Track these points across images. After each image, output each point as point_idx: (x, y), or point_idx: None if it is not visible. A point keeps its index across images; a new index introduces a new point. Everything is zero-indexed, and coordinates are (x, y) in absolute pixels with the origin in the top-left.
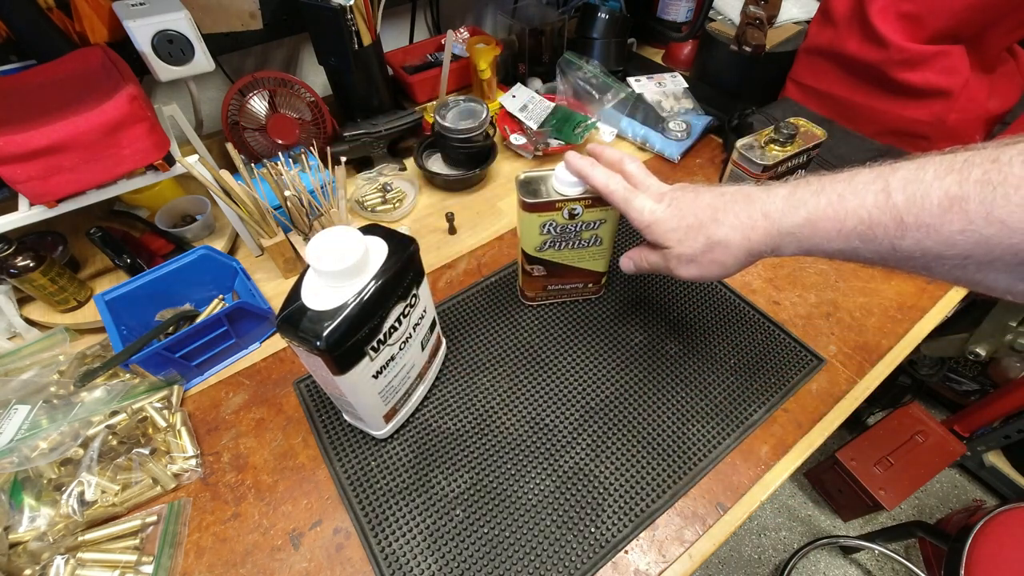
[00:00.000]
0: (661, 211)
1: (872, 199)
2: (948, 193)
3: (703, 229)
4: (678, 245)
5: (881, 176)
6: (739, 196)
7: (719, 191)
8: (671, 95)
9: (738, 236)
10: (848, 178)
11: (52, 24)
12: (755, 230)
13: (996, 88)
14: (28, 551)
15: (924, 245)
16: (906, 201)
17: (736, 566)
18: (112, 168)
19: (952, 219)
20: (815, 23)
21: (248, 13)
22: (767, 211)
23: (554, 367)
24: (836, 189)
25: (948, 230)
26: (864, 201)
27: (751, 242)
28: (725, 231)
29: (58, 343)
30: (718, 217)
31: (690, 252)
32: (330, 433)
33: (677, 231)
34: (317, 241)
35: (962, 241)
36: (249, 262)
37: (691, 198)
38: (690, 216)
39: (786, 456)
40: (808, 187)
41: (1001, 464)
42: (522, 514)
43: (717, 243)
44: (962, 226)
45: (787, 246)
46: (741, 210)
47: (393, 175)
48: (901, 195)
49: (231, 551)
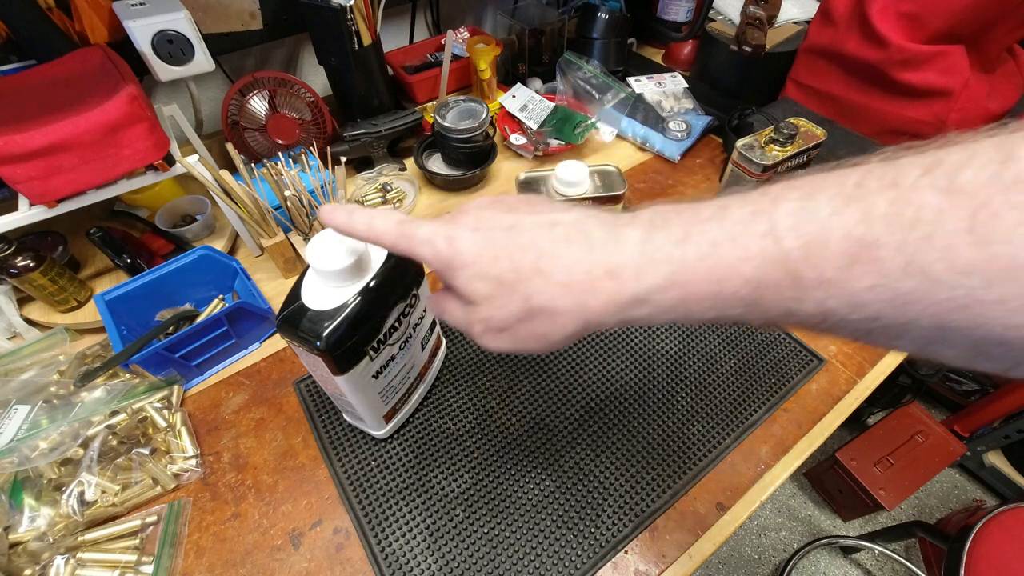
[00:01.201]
0: (466, 240)
1: (757, 248)
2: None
3: (520, 285)
4: (485, 303)
5: (760, 212)
6: (573, 233)
7: (547, 218)
8: (671, 95)
9: (569, 302)
10: (717, 214)
11: (52, 24)
12: (595, 294)
13: (996, 88)
14: (28, 551)
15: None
16: (802, 249)
17: (736, 566)
18: (112, 168)
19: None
20: (815, 23)
21: (248, 13)
22: (613, 267)
23: (554, 367)
24: (706, 234)
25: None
26: (747, 252)
27: (588, 311)
28: (551, 293)
29: (58, 343)
30: (542, 267)
31: (500, 317)
32: (330, 433)
33: (485, 282)
34: (317, 241)
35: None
36: (249, 262)
37: (506, 228)
38: (504, 260)
39: (786, 456)
40: (666, 229)
41: (1001, 464)
42: (522, 514)
43: (539, 309)
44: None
45: (640, 316)
46: (576, 260)
47: (393, 175)
48: (794, 240)
49: (231, 551)
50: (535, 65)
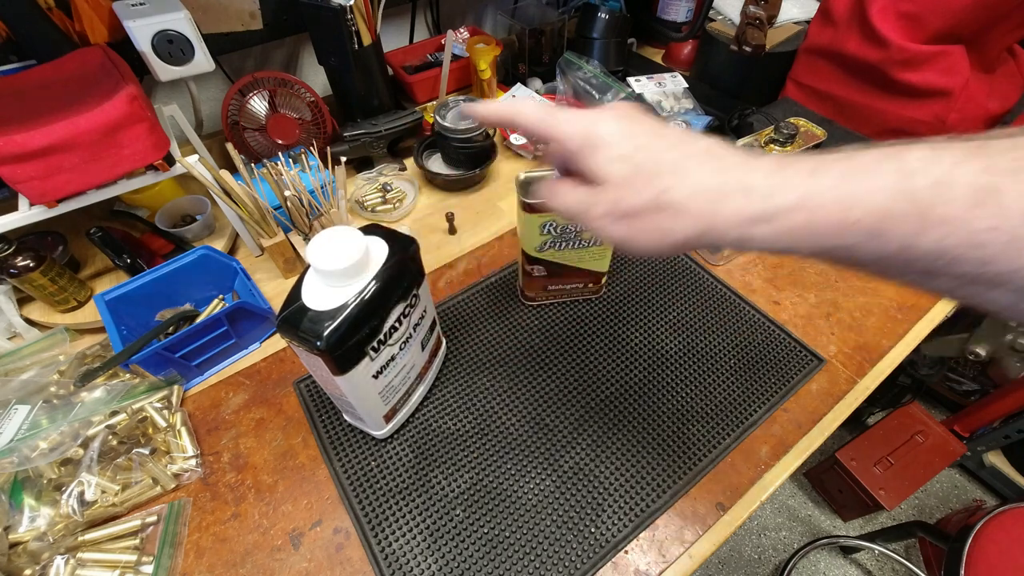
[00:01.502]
0: (611, 124)
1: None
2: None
3: (657, 178)
4: (620, 186)
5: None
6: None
7: (687, 134)
8: (671, 95)
9: (700, 204)
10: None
11: (52, 24)
12: (725, 203)
13: (996, 88)
14: (28, 551)
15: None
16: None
17: (736, 566)
18: (112, 168)
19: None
20: (815, 23)
21: (248, 13)
22: (746, 184)
23: (554, 367)
24: (836, 168)
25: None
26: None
27: (715, 218)
28: (686, 192)
29: (58, 343)
30: (680, 168)
31: (631, 202)
32: (330, 433)
33: (625, 164)
34: (317, 241)
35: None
36: (249, 262)
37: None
38: (646, 151)
39: (786, 456)
40: (798, 164)
41: (1001, 464)
42: (522, 514)
43: (671, 204)
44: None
45: (760, 236)
46: (714, 170)
47: (393, 175)
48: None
49: (231, 551)
50: (535, 65)
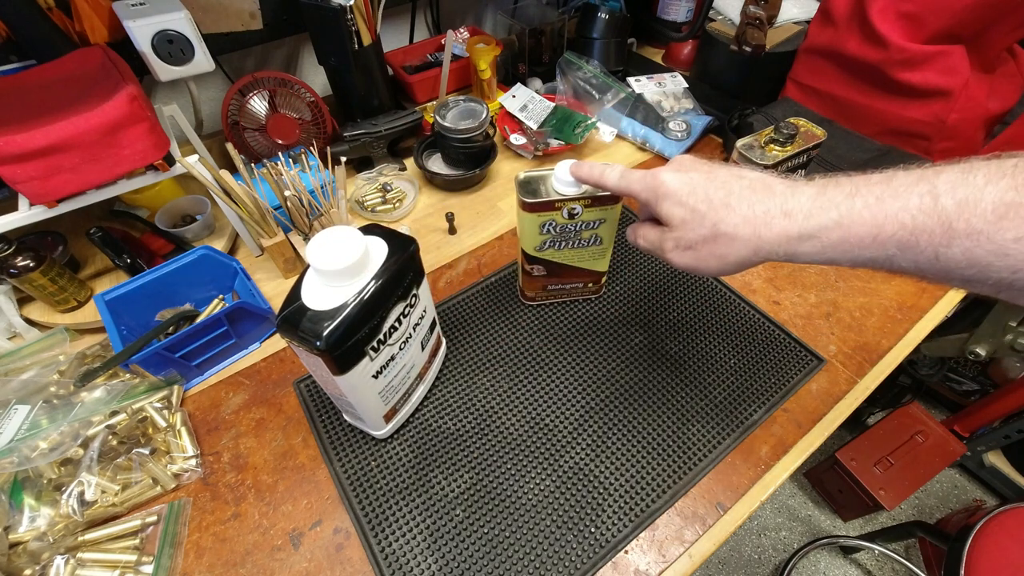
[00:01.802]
0: (670, 177)
1: (917, 202)
2: (1003, 199)
3: (712, 214)
4: (681, 226)
5: (924, 178)
6: (758, 184)
7: (736, 172)
8: (671, 95)
9: (748, 231)
10: (885, 180)
11: (52, 24)
12: (770, 227)
13: (996, 88)
14: (28, 551)
15: (973, 254)
16: (956, 205)
17: (736, 566)
18: (112, 168)
19: (1008, 226)
20: (815, 23)
21: (248, 13)
22: (789, 209)
23: (554, 367)
24: (873, 191)
25: (1002, 238)
26: (907, 204)
27: (762, 240)
28: (735, 222)
29: (58, 343)
30: (731, 203)
31: (691, 237)
32: (330, 433)
33: (683, 208)
34: (317, 241)
35: (1018, 251)
36: (249, 262)
37: (705, 173)
38: (701, 193)
39: (786, 456)
40: (839, 188)
41: (1001, 464)
42: (522, 514)
43: (723, 234)
44: (1019, 234)
45: (805, 251)
46: (758, 201)
47: (393, 175)
48: (950, 199)
49: (231, 551)
50: (535, 65)
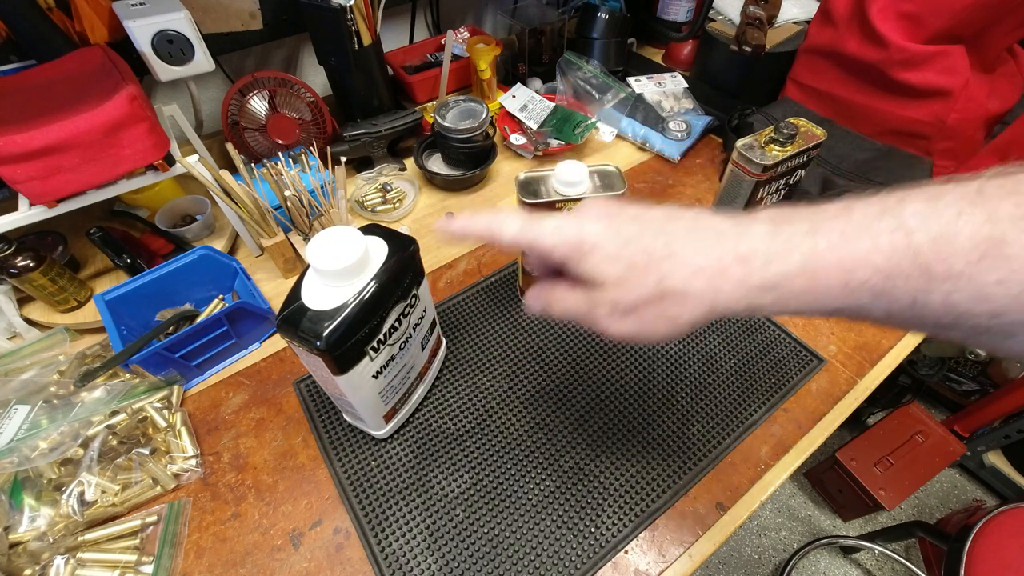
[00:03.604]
0: (594, 226)
1: (887, 240)
2: (980, 234)
3: (652, 267)
4: (617, 285)
5: (888, 210)
6: (700, 225)
7: (670, 212)
8: (671, 95)
9: (701, 284)
10: (843, 212)
11: (52, 24)
12: (726, 278)
13: (996, 88)
14: (28, 551)
15: (952, 300)
16: (931, 243)
17: (736, 566)
18: (112, 168)
19: (989, 266)
20: (815, 23)
21: (248, 13)
22: (743, 253)
23: (554, 367)
24: (834, 227)
25: (983, 280)
26: (877, 243)
27: (718, 295)
28: (683, 275)
29: (58, 343)
30: (674, 251)
31: (630, 299)
32: (330, 433)
33: (617, 263)
34: (317, 241)
35: (998, 294)
36: (249, 262)
37: (633, 217)
38: (636, 243)
39: (786, 456)
40: (793, 224)
41: (1001, 464)
42: (522, 514)
43: (671, 291)
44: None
45: (767, 302)
46: (706, 247)
47: (393, 175)
48: (924, 235)
49: (231, 551)
50: (535, 65)
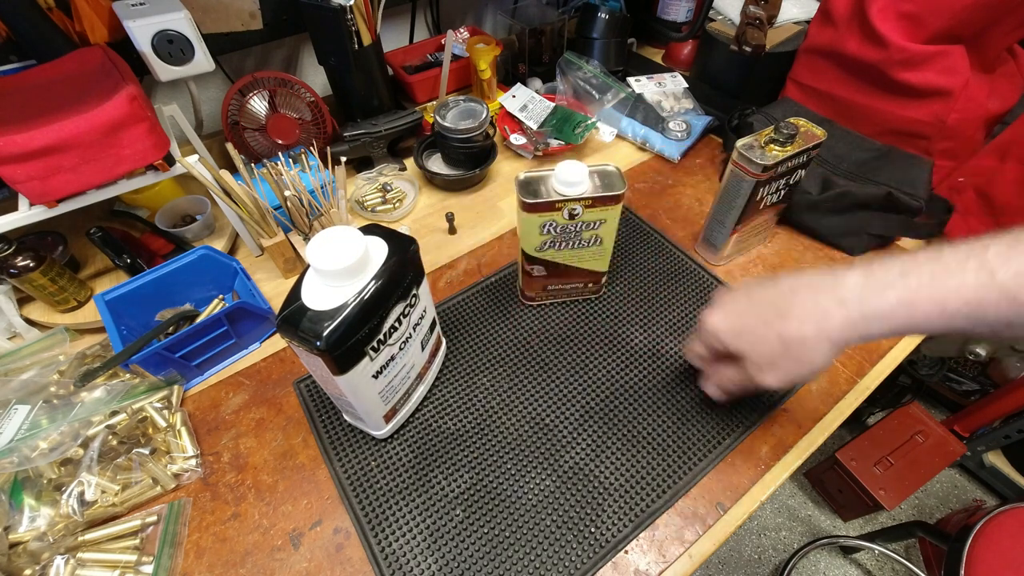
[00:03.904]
0: (722, 319)
1: (973, 278)
2: None
3: (770, 327)
4: (751, 350)
5: (973, 255)
6: (800, 285)
7: (772, 284)
8: (671, 95)
9: (811, 328)
10: (933, 257)
11: (52, 24)
12: (830, 319)
13: (996, 88)
14: (28, 551)
15: None
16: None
17: (736, 566)
18: (112, 168)
19: None
20: (815, 23)
21: (248, 13)
22: (842, 297)
23: (554, 367)
24: (924, 270)
25: None
26: (964, 280)
27: (830, 332)
28: (795, 326)
29: (58, 343)
30: (783, 311)
31: (767, 355)
32: (330, 433)
33: (743, 334)
34: (317, 241)
35: None
36: (249, 262)
37: (743, 297)
38: (750, 316)
39: (786, 456)
40: (887, 268)
41: (1001, 464)
42: (522, 514)
43: (792, 340)
44: None
45: (876, 329)
46: (807, 299)
47: (393, 175)
48: (1006, 272)
49: (231, 551)
50: (535, 65)
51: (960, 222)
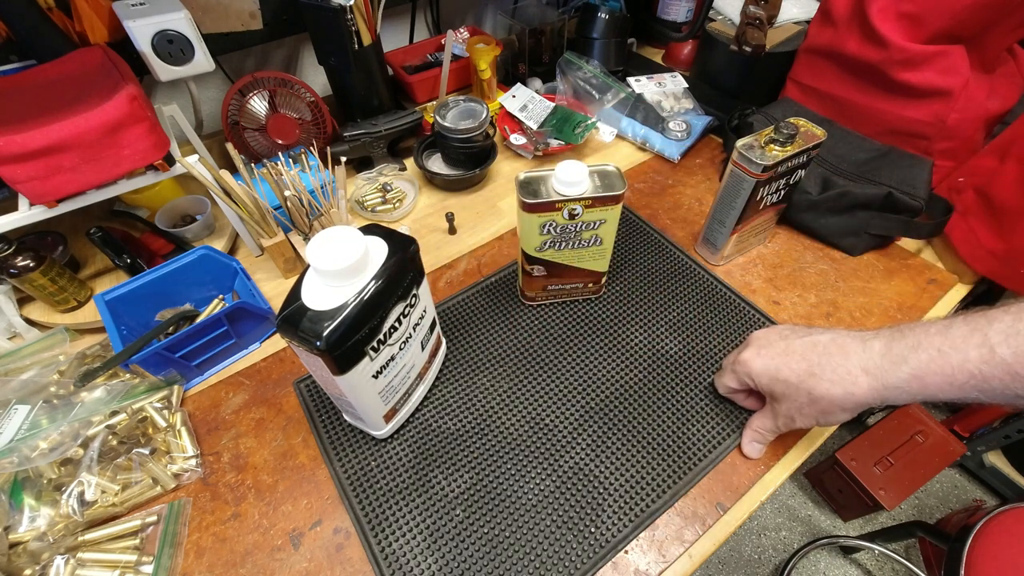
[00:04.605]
0: (758, 363)
1: (976, 354)
2: None
3: (802, 384)
4: (784, 398)
5: (978, 330)
6: (832, 348)
7: (809, 340)
8: (671, 95)
9: (840, 391)
10: (942, 330)
11: (52, 24)
12: (857, 386)
13: (996, 88)
14: (28, 551)
15: None
16: (1013, 355)
17: (736, 566)
18: (112, 168)
19: None
20: (815, 23)
21: (248, 13)
22: (867, 367)
23: (554, 367)
24: (933, 344)
25: None
26: (968, 356)
27: (856, 396)
28: (826, 387)
29: (58, 343)
30: (815, 371)
31: (796, 406)
32: (330, 433)
33: (777, 382)
34: (317, 241)
35: None
36: (249, 262)
37: (780, 342)
38: (785, 369)
39: (786, 456)
40: (903, 341)
41: (1001, 464)
42: (522, 514)
43: (820, 398)
44: None
45: (894, 397)
46: (838, 364)
47: (393, 175)
48: (1006, 349)
49: (231, 551)
50: (535, 65)
51: (960, 222)
